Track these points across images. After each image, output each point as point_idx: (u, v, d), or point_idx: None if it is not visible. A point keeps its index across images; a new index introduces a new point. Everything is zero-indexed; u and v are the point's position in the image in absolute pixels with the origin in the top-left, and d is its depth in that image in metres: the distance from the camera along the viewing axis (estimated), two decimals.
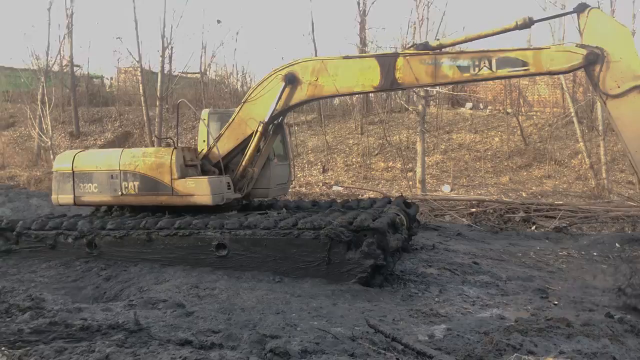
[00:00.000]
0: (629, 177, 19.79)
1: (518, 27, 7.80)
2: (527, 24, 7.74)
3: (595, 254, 10.86)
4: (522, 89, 27.21)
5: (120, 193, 9.15)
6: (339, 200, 11.23)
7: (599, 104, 20.73)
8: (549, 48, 7.54)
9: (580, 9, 7.26)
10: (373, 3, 27.04)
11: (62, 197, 9.62)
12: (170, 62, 28.85)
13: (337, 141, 26.34)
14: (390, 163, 23.77)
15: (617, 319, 5.95)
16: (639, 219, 12.94)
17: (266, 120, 8.93)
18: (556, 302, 7.29)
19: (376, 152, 24.79)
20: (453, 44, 8.18)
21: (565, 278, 8.91)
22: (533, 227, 13.68)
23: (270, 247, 7.98)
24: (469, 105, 28.24)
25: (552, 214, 14.00)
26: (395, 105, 28.22)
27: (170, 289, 7.42)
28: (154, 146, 25.86)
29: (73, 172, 9.45)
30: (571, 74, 25.29)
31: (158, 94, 26.25)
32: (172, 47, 27.91)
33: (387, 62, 8.13)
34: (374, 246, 7.52)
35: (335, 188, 20.18)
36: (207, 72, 32.61)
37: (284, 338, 5.10)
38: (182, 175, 8.87)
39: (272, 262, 7.98)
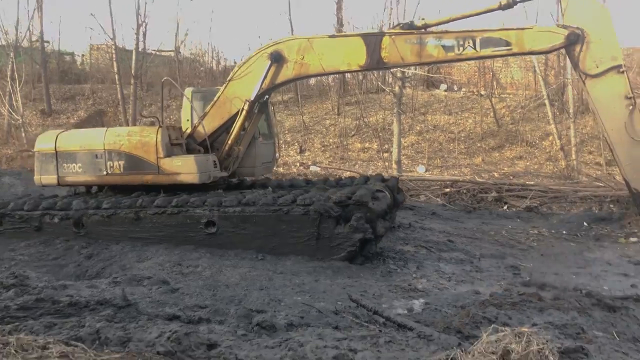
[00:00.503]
0: (597, 159, 20.38)
1: (502, 8, 7.94)
2: (510, 4, 7.87)
3: (564, 232, 11.27)
4: (496, 72, 27.57)
5: (105, 173, 9.11)
6: (315, 180, 11.37)
7: (570, 87, 21.23)
8: (531, 28, 7.70)
9: None
10: None
11: (45, 177, 9.52)
12: (144, 40, 28.43)
13: (314, 121, 26.41)
14: (367, 144, 23.97)
15: (585, 294, 6.25)
16: (605, 199, 13.39)
17: (252, 98, 8.94)
18: (528, 278, 7.62)
19: (353, 132, 24.95)
20: (438, 24, 8.24)
21: (536, 255, 9.26)
22: (505, 207, 14.07)
23: (259, 223, 8.06)
24: (443, 87, 28.53)
25: (523, 194, 14.41)
26: (371, 86, 28.35)
27: (153, 267, 7.53)
28: (129, 125, 25.59)
29: (56, 152, 9.34)
30: (543, 57, 25.76)
31: (133, 72, 25.86)
32: (146, 25, 27.47)
33: (373, 41, 8.19)
34: (362, 220, 7.68)
35: (312, 168, 20.32)
36: (182, 50, 32.17)
37: (270, 312, 5.27)
38: (168, 154, 8.86)
39: (261, 238, 8.06)
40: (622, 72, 7.16)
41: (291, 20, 28.50)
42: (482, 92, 25.94)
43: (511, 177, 18.36)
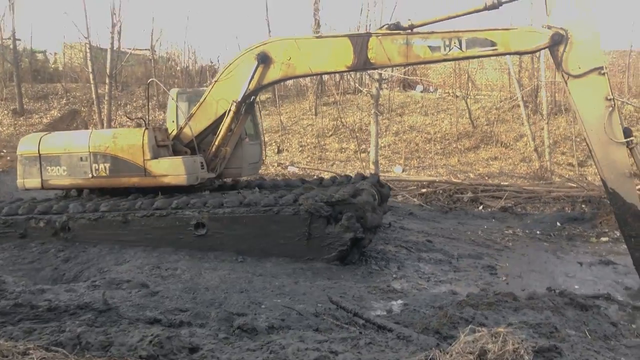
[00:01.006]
0: (569, 160, 20.80)
1: (487, 8, 8.00)
2: (496, 5, 7.93)
3: (538, 232, 11.52)
4: (471, 73, 27.93)
5: (90, 175, 8.99)
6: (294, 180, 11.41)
7: (543, 89, 21.64)
8: (516, 29, 7.79)
9: None
10: None
11: (29, 181, 9.35)
12: (119, 39, 28.09)
13: (291, 122, 26.42)
14: (344, 144, 24.07)
15: (558, 293, 6.43)
16: (577, 199, 13.70)
17: (239, 99, 8.91)
18: (505, 278, 7.80)
19: (330, 133, 25.02)
20: (424, 25, 8.25)
21: (512, 255, 9.47)
22: (480, 207, 14.31)
23: (250, 224, 8.06)
24: (419, 88, 28.79)
25: (498, 194, 14.67)
26: (348, 87, 28.47)
27: (132, 270, 7.49)
28: (103, 125, 25.27)
29: (40, 155, 9.19)
30: (517, 59, 26.18)
31: (107, 71, 25.54)
32: (121, 24, 27.15)
33: (359, 41, 8.22)
34: (353, 220, 7.74)
35: (290, 169, 20.34)
36: (157, 50, 31.87)
37: (251, 315, 5.31)
38: (155, 156, 8.79)
39: (252, 239, 8.07)
40: (604, 73, 7.25)
41: (268, 20, 28.32)
42: (458, 94, 26.25)
43: (486, 178, 18.63)
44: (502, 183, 16.33)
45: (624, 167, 7.35)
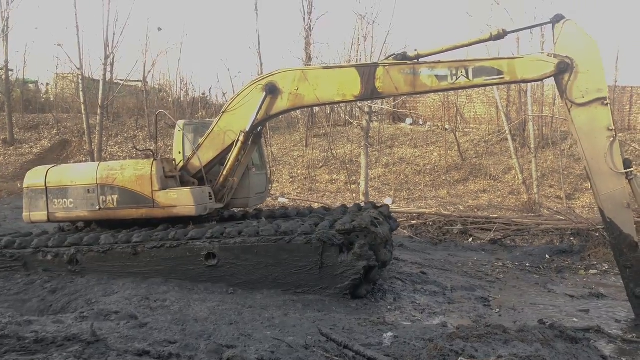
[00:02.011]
0: (557, 192, 21.00)
1: (493, 38, 8.15)
2: (502, 35, 8.08)
3: (527, 264, 11.58)
4: (460, 106, 28.34)
5: (98, 207, 8.91)
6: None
7: (530, 122, 21.97)
8: (522, 57, 7.90)
9: (557, 19, 7.60)
10: (318, 19, 27.44)
11: (35, 214, 9.25)
12: (112, 70, 28.29)
13: (282, 153, 26.55)
14: (335, 175, 24.18)
15: (548, 326, 6.44)
16: (566, 232, 13.81)
17: (247, 129, 8.92)
18: (498, 310, 7.83)
19: (321, 164, 25.16)
20: (430, 54, 8.34)
21: (504, 287, 9.51)
22: (470, 239, 14.37)
23: (261, 254, 8.01)
24: (409, 120, 29.12)
25: (487, 226, 14.76)
26: (339, 119, 28.75)
27: (120, 301, 7.42)
28: (94, 156, 25.25)
29: (46, 187, 9.11)
30: (505, 94, 26.64)
31: (99, 102, 25.65)
32: (114, 55, 27.38)
33: (367, 72, 8.29)
34: (366, 247, 7.70)
35: (281, 200, 20.35)
36: (149, 81, 32.10)
37: (240, 347, 5.27)
38: (163, 187, 8.73)
39: (263, 268, 8.01)
40: (606, 104, 7.38)
41: (260, 54, 28.68)
42: (447, 126, 26.58)
43: (475, 210, 18.75)
44: (491, 215, 16.45)
45: (623, 198, 7.42)
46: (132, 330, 5.75)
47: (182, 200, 8.64)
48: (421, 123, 29.19)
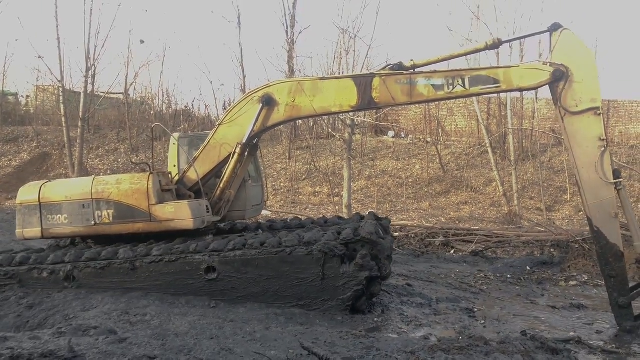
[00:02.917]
0: (537, 204, 21.27)
1: (488, 48, 8.21)
2: (497, 44, 8.15)
3: (509, 276, 11.66)
4: (441, 120, 28.62)
5: (93, 223, 8.73)
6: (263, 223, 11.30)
7: (510, 135, 22.25)
8: (517, 66, 7.96)
9: (554, 28, 7.64)
10: (300, 33, 27.57)
11: (28, 230, 9.01)
12: (93, 83, 28.10)
13: (265, 166, 26.46)
14: (318, 188, 24.22)
15: (529, 337, 6.48)
16: (546, 244, 13.95)
17: (244, 141, 8.86)
18: (483, 322, 7.88)
19: (304, 177, 25.19)
20: (426, 64, 8.33)
21: (487, 299, 9.58)
22: (452, 251, 14.45)
23: (262, 266, 7.91)
24: (391, 133, 29.32)
25: (469, 238, 14.85)
26: (322, 131, 28.83)
27: (99, 316, 7.30)
28: (74, 169, 24.98)
29: (40, 203, 8.91)
30: (485, 107, 26.98)
31: (80, 114, 25.44)
32: (95, 67, 27.23)
33: (363, 82, 8.27)
34: (368, 258, 7.64)
35: (264, 212, 20.28)
36: (132, 94, 31.93)
37: None
38: (160, 201, 8.59)
39: (264, 281, 7.91)
40: (599, 114, 7.45)
41: (243, 66, 28.73)
42: (428, 139, 26.81)
43: (457, 222, 18.88)
44: (472, 227, 16.56)
45: (611, 208, 7.49)
46: (111, 346, 5.66)
47: (179, 213, 8.50)
48: (403, 136, 29.41)
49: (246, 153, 9.19)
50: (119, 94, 31.72)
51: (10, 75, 46.65)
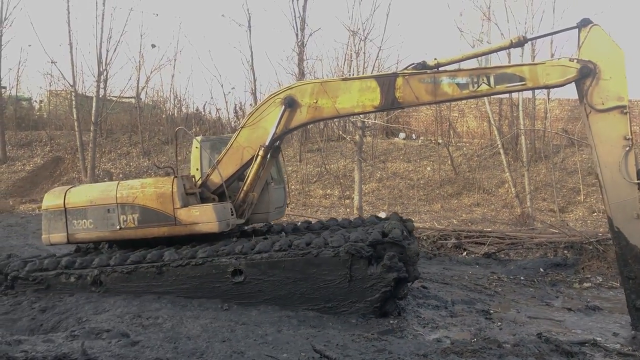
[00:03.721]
0: (550, 206, 21.06)
1: (513, 46, 8.13)
2: (522, 42, 8.05)
3: (522, 278, 11.56)
4: (452, 121, 28.50)
5: (118, 227, 8.75)
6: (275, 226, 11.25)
7: (522, 136, 22.07)
8: (544, 63, 7.82)
9: (583, 23, 7.49)
10: (310, 35, 27.62)
11: (54, 236, 9.06)
12: (105, 87, 28.32)
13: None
14: (329, 190, 24.19)
15: (544, 339, 6.41)
16: (559, 245, 13.80)
17: (267, 144, 8.83)
18: (499, 324, 7.83)
19: (315, 179, 25.18)
20: (450, 63, 8.26)
21: (503, 301, 9.53)
22: (464, 253, 14.34)
23: (288, 268, 7.88)
24: (402, 135, 29.25)
25: (481, 240, 14.73)
26: (332, 134, 28.83)
27: (112, 319, 7.33)
28: (87, 173, 25.17)
29: (65, 208, 8.95)
30: (497, 107, 26.82)
31: (93, 118, 25.63)
32: (107, 72, 27.44)
33: (386, 82, 8.19)
34: (395, 259, 7.59)
35: None
36: (144, 98, 32.15)
37: None
38: (185, 204, 8.59)
39: (291, 284, 7.89)
40: (625, 113, 7.33)
41: (254, 69, 28.81)
42: (440, 141, 26.70)
43: (469, 224, 18.75)
44: (484, 229, 16.43)
45: (633, 208, 7.36)
46: (124, 349, 5.69)
47: (204, 217, 8.49)
48: (414, 138, 29.32)
49: (269, 155, 9.15)
50: (131, 97, 31.96)
51: (23, 80, 47.30)
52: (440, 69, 8.15)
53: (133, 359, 5.28)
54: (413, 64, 8.28)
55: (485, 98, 21.91)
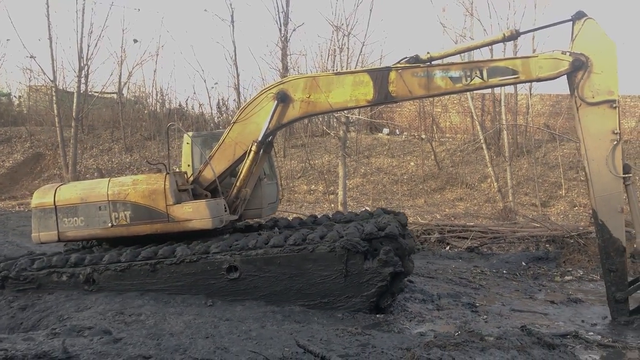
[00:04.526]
0: (532, 200, 21.29)
1: (506, 39, 8.18)
2: (514, 35, 8.09)
3: (504, 271, 11.68)
4: (435, 116, 28.63)
5: (110, 225, 8.64)
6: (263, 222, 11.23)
7: (505, 132, 22.25)
8: (536, 56, 7.87)
9: (578, 16, 7.55)
10: (294, 30, 27.50)
11: (44, 234, 8.91)
12: (86, 82, 27.96)
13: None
14: (313, 186, 24.19)
15: (526, 332, 6.48)
16: (541, 239, 13.96)
17: (259, 139, 8.76)
18: (485, 317, 7.91)
19: (299, 175, 25.15)
20: (443, 57, 8.28)
21: (487, 294, 9.64)
22: (447, 247, 14.45)
23: (284, 264, 7.85)
24: (386, 131, 29.31)
25: (464, 234, 14.86)
26: (316, 129, 28.80)
27: (94, 316, 7.27)
28: (68, 169, 24.87)
29: (55, 206, 8.81)
30: (480, 102, 26.99)
31: (74, 114, 25.30)
32: (88, 67, 27.10)
33: (379, 76, 8.18)
34: (391, 253, 7.60)
35: None
36: (126, 93, 31.81)
37: None
38: (177, 201, 8.50)
39: (287, 280, 7.86)
40: (615, 107, 7.41)
41: (237, 64, 28.63)
42: (423, 136, 26.81)
43: (452, 218, 18.87)
44: (467, 224, 16.57)
45: (617, 202, 7.49)
46: (106, 346, 5.62)
47: (198, 213, 8.41)
48: (398, 133, 29.40)
49: (261, 151, 9.09)
50: (113, 93, 31.62)
51: (2, 75, 46.51)
52: (433, 62, 8.15)
53: (115, 356, 5.22)
54: (406, 57, 8.26)
55: (467, 93, 22.04)
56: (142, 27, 58.63)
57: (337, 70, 22.54)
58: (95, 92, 30.30)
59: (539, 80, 7.91)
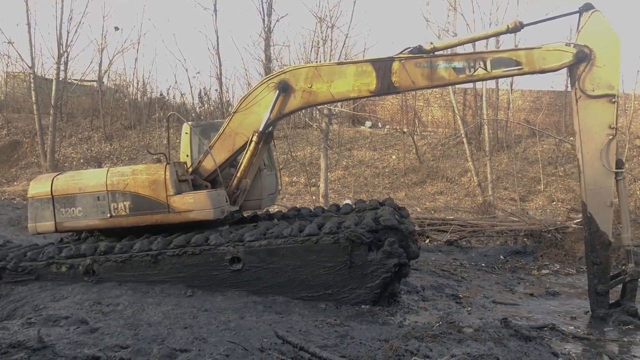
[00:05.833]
0: (511, 195, 21.53)
1: (509, 31, 8.11)
2: (518, 27, 8.03)
3: (483, 265, 11.82)
4: (417, 110, 28.74)
5: (109, 215, 8.47)
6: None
7: (485, 126, 22.44)
8: (540, 48, 7.80)
9: (585, 8, 7.52)
10: (277, 21, 27.32)
11: (41, 224, 8.71)
12: (65, 70, 27.50)
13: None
14: (295, 178, 24.17)
15: (504, 324, 6.55)
16: (519, 233, 14.14)
17: (260, 129, 8.65)
18: (469, 308, 8.00)
19: (281, 166, 25.06)
20: (446, 47, 8.25)
21: (470, 286, 9.77)
22: (427, 240, 14.55)
23: (287, 256, 7.78)
24: (368, 124, 29.36)
25: (444, 228, 14.97)
26: (299, 121, 28.72)
27: (71, 306, 7.19)
28: (46, 158, 24.50)
29: (52, 196, 8.62)
30: (461, 97, 27.15)
31: (52, 102, 24.89)
32: (68, 54, 26.65)
33: (382, 66, 8.11)
34: (396, 245, 7.56)
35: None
36: (106, 81, 31.34)
37: (194, 351, 5.16)
38: (178, 191, 8.36)
39: (290, 271, 7.80)
40: (614, 102, 7.45)
41: (219, 54, 28.37)
42: (405, 130, 26.91)
43: (432, 212, 19.02)
44: (447, 217, 16.71)
45: (607, 196, 7.54)
46: (82, 336, 5.56)
47: (198, 204, 8.30)
48: (380, 126, 29.47)
49: (262, 141, 9.00)
50: (93, 81, 31.14)
51: None
52: (436, 53, 8.12)
53: (92, 346, 5.16)
54: (409, 47, 8.20)
55: (449, 87, 22.13)
56: (124, 15, 57.76)
57: (319, 62, 22.48)
58: (74, 79, 29.80)
59: (542, 71, 7.87)
